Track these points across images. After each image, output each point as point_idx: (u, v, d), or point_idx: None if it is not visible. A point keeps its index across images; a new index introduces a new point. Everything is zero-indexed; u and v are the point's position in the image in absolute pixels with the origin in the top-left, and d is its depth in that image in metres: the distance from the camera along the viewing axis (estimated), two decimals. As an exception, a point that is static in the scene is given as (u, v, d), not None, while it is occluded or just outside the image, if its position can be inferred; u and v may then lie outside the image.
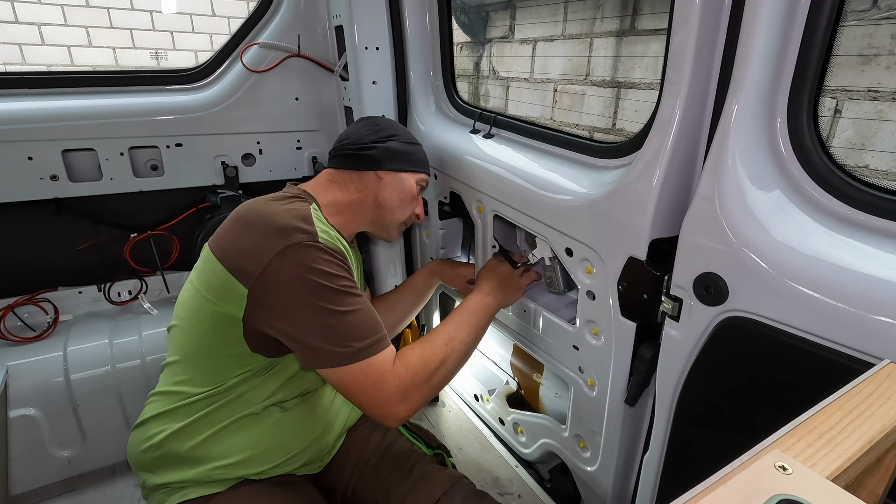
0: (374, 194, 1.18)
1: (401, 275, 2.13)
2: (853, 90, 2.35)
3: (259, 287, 0.92)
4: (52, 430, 1.57)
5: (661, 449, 1.14)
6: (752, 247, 0.87)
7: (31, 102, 1.64)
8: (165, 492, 1.02)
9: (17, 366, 1.54)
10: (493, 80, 4.72)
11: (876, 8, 2.25)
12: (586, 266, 1.23)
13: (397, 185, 1.20)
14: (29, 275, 1.75)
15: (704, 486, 0.42)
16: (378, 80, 1.81)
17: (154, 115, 1.75)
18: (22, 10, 5.03)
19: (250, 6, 5.23)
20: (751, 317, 0.90)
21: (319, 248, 0.94)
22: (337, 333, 0.92)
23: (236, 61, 1.87)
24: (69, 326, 1.73)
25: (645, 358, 1.15)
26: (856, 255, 0.80)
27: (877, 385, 0.60)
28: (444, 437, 1.88)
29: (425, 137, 1.79)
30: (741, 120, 0.89)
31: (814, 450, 0.48)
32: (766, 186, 0.90)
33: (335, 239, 1.01)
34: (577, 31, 3.80)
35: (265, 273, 0.91)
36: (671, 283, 1.03)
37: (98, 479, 1.66)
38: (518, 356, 1.78)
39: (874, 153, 2.34)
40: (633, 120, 3.52)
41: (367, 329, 0.95)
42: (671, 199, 1.03)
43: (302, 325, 0.92)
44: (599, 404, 1.30)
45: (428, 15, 1.77)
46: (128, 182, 1.76)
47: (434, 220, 1.86)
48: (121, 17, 5.51)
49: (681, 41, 0.93)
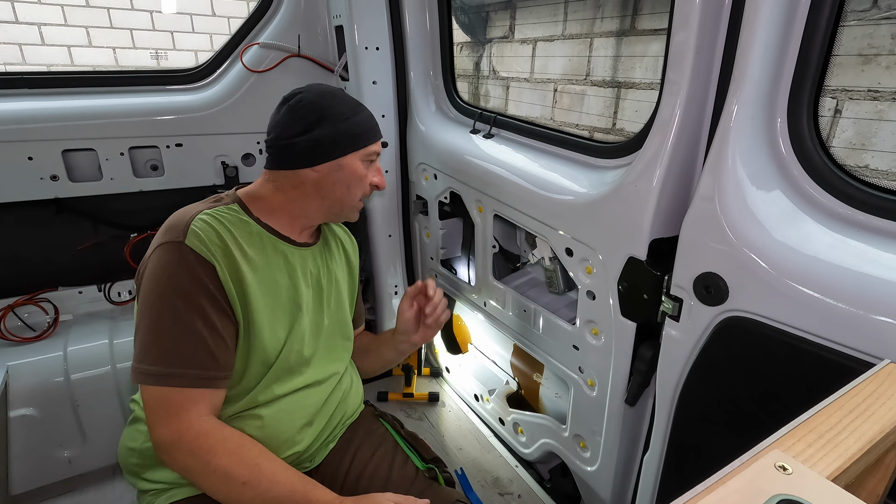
0: (315, 188, 1.04)
1: (401, 275, 2.13)
2: (853, 90, 2.35)
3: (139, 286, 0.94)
4: (52, 430, 1.57)
5: (661, 449, 1.14)
6: (753, 247, 0.87)
7: (31, 102, 1.64)
8: (153, 494, 1.01)
9: (17, 366, 1.54)
10: (493, 80, 4.72)
11: (876, 8, 2.25)
12: (586, 266, 1.23)
13: (337, 174, 1.04)
14: (29, 275, 1.75)
15: (704, 486, 0.42)
16: (378, 80, 1.81)
17: (154, 115, 1.75)
18: (22, 10, 5.02)
19: (250, 6, 5.23)
20: (751, 317, 0.90)
21: (182, 251, 0.89)
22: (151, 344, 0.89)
23: (236, 61, 1.87)
24: (69, 326, 1.73)
25: (645, 358, 1.15)
26: (856, 256, 0.80)
27: (877, 385, 0.60)
28: (444, 437, 1.88)
29: (425, 137, 1.79)
30: (741, 120, 0.89)
31: (814, 450, 0.48)
32: (766, 186, 0.90)
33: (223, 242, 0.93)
34: (577, 31, 3.80)
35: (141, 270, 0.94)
36: (671, 283, 1.03)
37: (98, 479, 1.66)
38: (518, 356, 1.78)
39: (874, 153, 2.34)
40: (633, 120, 3.52)
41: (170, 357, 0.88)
42: (671, 199, 1.03)
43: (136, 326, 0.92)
44: (599, 404, 1.30)
45: (428, 15, 1.77)
46: (128, 182, 1.76)
47: (434, 220, 1.86)
48: (121, 17, 5.51)
49: (681, 41, 0.93)
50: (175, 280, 0.89)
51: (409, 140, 1.89)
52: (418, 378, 2.20)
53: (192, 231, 0.91)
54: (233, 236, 0.96)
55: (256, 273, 0.97)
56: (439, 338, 2.14)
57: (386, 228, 2.03)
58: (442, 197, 1.78)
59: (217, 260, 0.91)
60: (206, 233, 0.92)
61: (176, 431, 0.87)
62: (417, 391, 2.08)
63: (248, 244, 0.98)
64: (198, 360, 0.89)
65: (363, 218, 1.99)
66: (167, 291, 0.89)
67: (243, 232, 0.98)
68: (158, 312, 0.89)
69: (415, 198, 1.94)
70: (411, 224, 2.03)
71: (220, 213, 0.98)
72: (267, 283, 0.99)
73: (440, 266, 1.93)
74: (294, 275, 1.05)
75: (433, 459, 1.20)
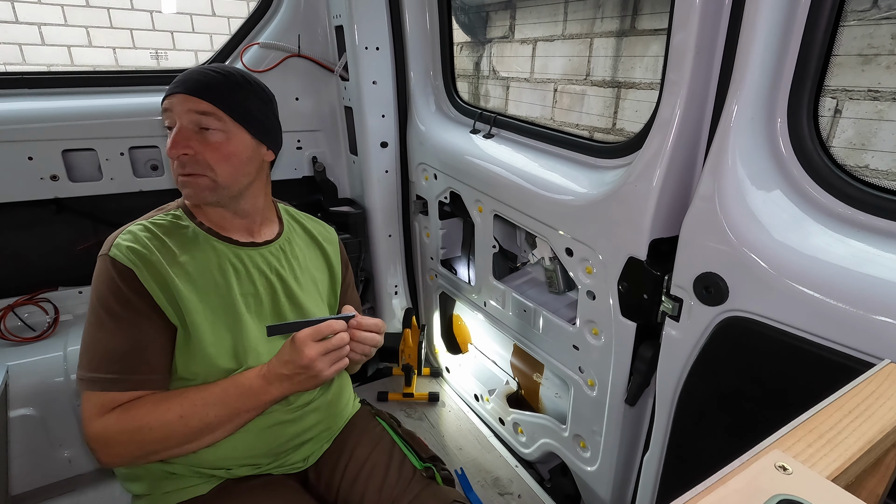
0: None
1: (401, 275, 2.13)
2: (853, 90, 2.35)
3: None
4: (52, 430, 1.57)
5: (661, 449, 1.14)
6: (752, 247, 0.87)
7: (31, 102, 1.64)
8: (149, 499, 1.01)
9: (17, 366, 1.54)
10: (493, 80, 4.72)
11: (876, 8, 2.25)
12: (586, 266, 1.23)
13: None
14: (29, 275, 1.75)
15: (704, 486, 0.42)
16: (378, 80, 1.81)
17: (154, 115, 1.75)
18: (22, 10, 5.03)
19: (250, 6, 5.23)
20: (751, 317, 0.90)
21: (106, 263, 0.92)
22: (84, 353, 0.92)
23: (236, 61, 1.87)
24: (69, 326, 1.73)
25: (645, 358, 1.15)
26: (856, 256, 0.80)
27: (877, 385, 0.60)
28: (444, 437, 1.88)
29: (425, 137, 1.79)
30: (741, 120, 0.89)
31: (814, 450, 0.48)
32: (766, 186, 0.90)
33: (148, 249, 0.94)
34: (577, 31, 3.80)
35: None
36: (671, 283, 1.03)
37: (98, 479, 1.66)
38: (518, 356, 1.78)
39: (874, 153, 2.34)
40: (633, 120, 3.52)
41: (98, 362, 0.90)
42: (671, 199, 1.03)
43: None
44: (599, 404, 1.30)
45: (428, 15, 1.77)
46: (128, 182, 1.76)
47: (434, 220, 1.86)
48: (121, 17, 5.51)
49: (681, 41, 0.93)
50: (100, 291, 0.92)
51: (409, 140, 1.89)
52: (418, 378, 2.20)
53: (115, 244, 0.94)
54: (162, 242, 0.96)
55: (189, 276, 0.96)
56: (439, 338, 2.14)
57: (386, 228, 2.03)
58: (442, 197, 1.78)
59: (137, 266, 0.92)
60: (129, 242, 0.94)
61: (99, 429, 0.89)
62: (417, 391, 2.08)
63: (182, 249, 0.98)
64: (126, 364, 0.91)
65: (363, 218, 2.00)
66: (93, 301, 0.92)
67: (178, 237, 0.99)
68: (89, 323, 0.92)
69: (415, 198, 1.94)
70: (411, 224, 2.03)
71: (154, 221, 1.00)
72: (204, 285, 0.98)
73: (440, 266, 1.93)
74: (239, 275, 1.02)
75: (431, 458, 1.19)
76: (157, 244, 0.96)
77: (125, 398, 0.91)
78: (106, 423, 0.89)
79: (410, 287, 2.17)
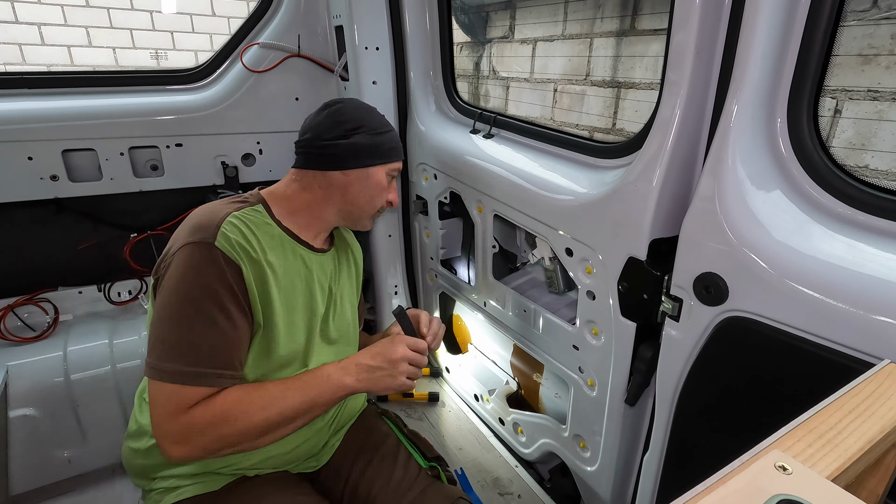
0: (341, 192, 1.09)
1: (401, 275, 2.13)
2: (853, 90, 2.35)
3: (159, 280, 0.93)
4: (52, 430, 1.57)
5: (661, 449, 1.14)
6: (752, 247, 0.87)
7: (31, 102, 1.64)
8: (161, 492, 1.02)
9: (17, 366, 1.54)
10: (493, 80, 4.72)
11: (876, 8, 2.25)
12: (586, 266, 1.23)
13: (365, 181, 1.09)
14: (29, 275, 1.75)
15: (704, 486, 0.42)
16: (378, 80, 1.81)
17: (154, 115, 1.75)
18: (22, 10, 5.03)
19: (250, 6, 5.22)
20: (751, 317, 0.90)
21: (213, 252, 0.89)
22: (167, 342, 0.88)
23: (236, 61, 1.87)
24: (69, 326, 1.73)
25: (645, 358, 1.15)
26: (856, 255, 0.80)
27: (877, 385, 0.60)
28: (444, 437, 1.88)
29: (425, 137, 1.79)
30: (741, 120, 0.89)
31: (814, 450, 0.48)
32: (766, 186, 0.90)
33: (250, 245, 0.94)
34: (577, 31, 3.80)
35: (163, 264, 0.93)
36: (671, 283, 1.03)
37: (98, 479, 1.66)
38: (518, 356, 1.78)
39: (874, 153, 2.34)
40: (633, 120, 3.52)
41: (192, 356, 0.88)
42: (671, 199, 1.03)
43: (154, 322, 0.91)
44: (599, 404, 1.30)
45: (428, 15, 1.77)
46: (128, 182, 1.76)
47: (434, 220, 1.86)
48: (121, 17, 5.51)
49: (681, 41, 0.93)
50: (204, 280, 0.89)
51: (409, 140, 1.89)
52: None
53: (222, 233, 0.91)
54: (258, 239, 0.97)
55: (277, 277, 0.98)
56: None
57: (386, 228, 2.03)
58: (442, 197, 1.78)
59: (244, 262, 0.92)
60: (236, 235, 0.93)
61: (184, 423, 0.88)
62: (417, 391, 2.08)
63: (270, 248, 0.99)
64: (218, 360, 0.90)
65: (363, 218, 2.00)
66: (194, 291, 0.88)
67: (266, 235, 0.99)
68: (183, 311, 0.88)
69: (415, 198, 1.94)
70: (411, 224, 2.03)
71: (247, 215, 0.99)
72: (286, 287, 1.00)
73: (440, 266, 1.93)
74: (311, 280, 1.06)
75: (435, 458, 1.22)
76: (256, 242, 0.96)
77: (208, 393, 0.90)
78: (192, 417, 0.87)
79: (410, 287, 2.17)
